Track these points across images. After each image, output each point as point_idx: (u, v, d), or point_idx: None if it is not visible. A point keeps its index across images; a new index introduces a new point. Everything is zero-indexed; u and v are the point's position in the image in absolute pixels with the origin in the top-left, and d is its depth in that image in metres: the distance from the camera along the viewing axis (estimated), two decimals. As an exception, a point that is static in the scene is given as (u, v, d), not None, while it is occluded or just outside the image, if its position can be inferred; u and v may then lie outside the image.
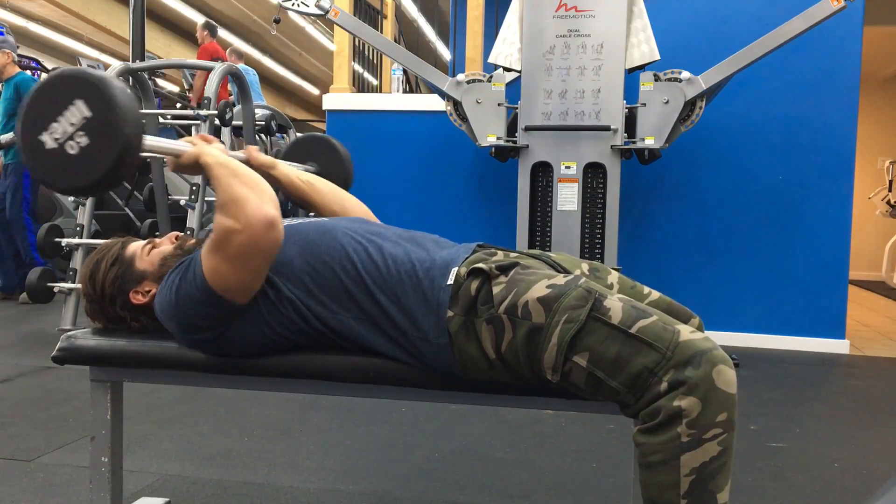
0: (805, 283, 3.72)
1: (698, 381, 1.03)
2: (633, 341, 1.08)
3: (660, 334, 1.08)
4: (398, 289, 1.23)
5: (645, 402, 1.07)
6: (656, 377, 1.06)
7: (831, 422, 2.54)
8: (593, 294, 1.13)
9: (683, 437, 1.03)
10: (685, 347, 1.06)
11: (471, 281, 1.19)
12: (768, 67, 3.57)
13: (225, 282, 1.21)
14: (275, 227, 1.19)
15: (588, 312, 1.11)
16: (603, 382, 1.10)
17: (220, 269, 1.21)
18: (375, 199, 4.10)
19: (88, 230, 3.61)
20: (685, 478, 1.03)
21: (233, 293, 1.22)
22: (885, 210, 6.90)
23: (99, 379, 1.42)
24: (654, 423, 1.05)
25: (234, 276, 1.20)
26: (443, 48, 9.90)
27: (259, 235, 1.18)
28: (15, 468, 1.92)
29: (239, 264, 1.19)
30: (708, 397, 1.03)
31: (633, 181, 3.75)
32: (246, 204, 1.19)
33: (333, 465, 2.00)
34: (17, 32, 9.65)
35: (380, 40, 3.56)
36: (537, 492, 1.85)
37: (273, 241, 1.19)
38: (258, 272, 1.22)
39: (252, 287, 1.23)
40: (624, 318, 1.10)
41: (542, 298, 1.13)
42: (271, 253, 1.21)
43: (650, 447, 1.05)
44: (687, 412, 1.03)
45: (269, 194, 1.22)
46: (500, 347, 1.16)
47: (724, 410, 1.04)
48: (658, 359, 1.06)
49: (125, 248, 1.41)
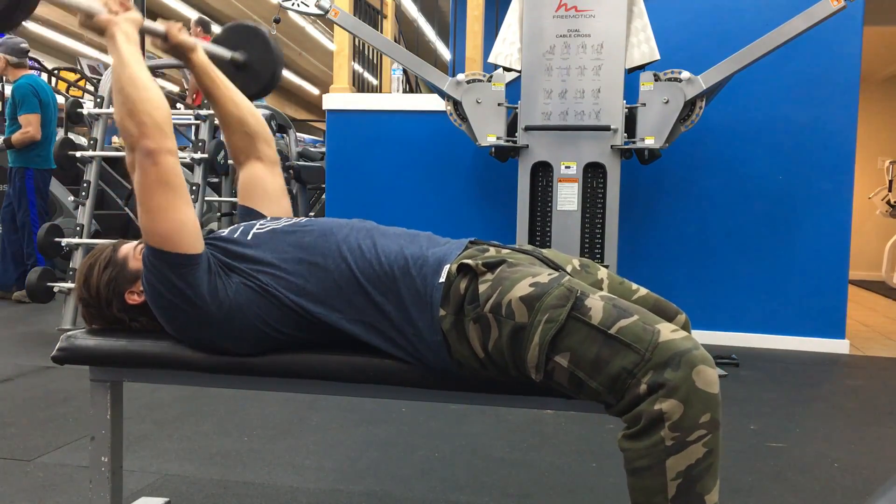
0: (805, 284, 3.72)
1: (678, 383, 1.02)
2: (612, 342, 1.08)
3: (639, 335, 1.07)
4: (393, 286, 1.23)
5: (626, 405, 1.07)
6: (635, 378, 1.05)
7: (831, 422, 2.54)
8: (574, 293, 1.12)
9: (667, 440, 1.02)
10: (664, 348, 1.05)
11: (460, 279, 1.19)
12: (768, 67, 3.57)
13: (154, 233, 1.23)
14: (153, 155, 1.21)
15: (568, 312, 1.10)
16: (584, 383, 1.10)
17: (142, 219, 1.24)
18: (375, 199, 4.14)
19: (88, 230, 3.61)
20: (672, 482, 1.03)
21: (167, 242, 1.22)
22: (885, 210, 6.90)
23: (99, 379, 1.42)
24: (637, 429, 1.05)
25: (153, 220, 1.22)
26: (443, 48, 9.90)
27: (145, 168, 1.22)
28: (15, 468, 1.92)
29: (146, 205, 1.23)
30: (689, 399, 1.02)
31: (633, 181, 3.75)
32: (127, 136, 1.23)
33: (333, 465, 2.00)
34: (17, 32, 9.63)
35: (380, 40, 3.56)
36: (537, 492, 1.85)
37: (158, 168, 1.22)
38: (167, 207, 1.23)
39: (178, 226, 1.23)
40: (604, 319, 1.10)
41: (524, 297, 1.13)
42: (164, 182, 1.22)
43: (635, 452, 1.05)
44: (668, 415, 1.02)
45: (148, 121, 1.22)
46: (487, 346, 1.17)
47: (706, 411, 1.03)
48: (637, 360, 1.06)
49: (117, 250, 1.41)
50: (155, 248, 1.24)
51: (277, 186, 1.59)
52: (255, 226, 1.39)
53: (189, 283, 1.23)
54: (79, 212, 3.64)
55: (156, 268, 1.25)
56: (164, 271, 1.24)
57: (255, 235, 1.35)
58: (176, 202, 1.23)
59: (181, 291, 1.24)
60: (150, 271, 1.26)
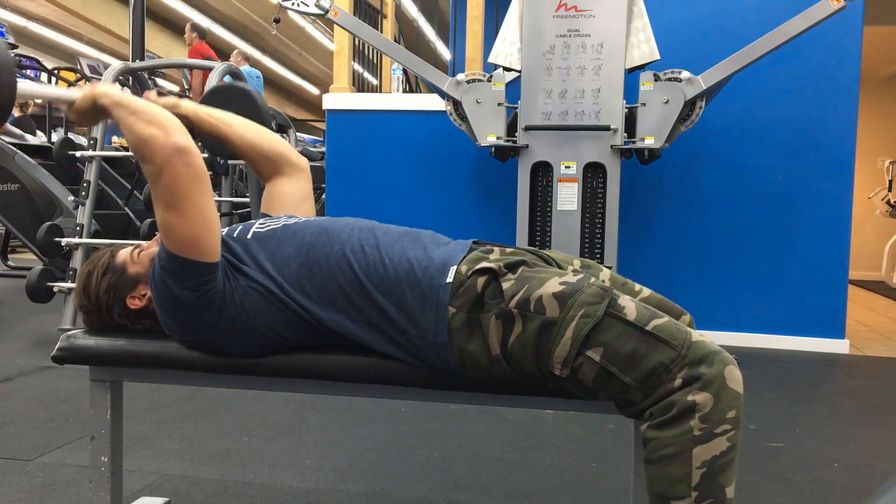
0: (805, 283, 3.72)
1: (712, 378, 1.06)
2: (649, 338, 1.11)
3: (674, 333, 1.11)
4: (396, 288, 1.23)
5: (656, 398, 1.09)
6: (671, 373, 1.08)
7: (831, 422, 2.54)
8: (609, 292, 1.16)
9: (696, 430, 1.05)
10: (698, 347, 1.10)
11: (476, 278, 1.19)
12: (768, 67, 3.57)
13: (181, 239, 1.19)
14: (185, 152, 1.18)
15: (605, 309, 1.13)
16: (615, 377, 1.11)
17: (169, 225, 1.20)
18: (375, 199, 4.14)
19: (88, 230, 3.61)
20: (697, 470, 1.05)
21: (193, 249, 1.20)
22: (885, 210, 6.90)
23: (99, 379, 1.42)
24: (667, 417, 1.07)
25: (182, 224, 1.19)
26: (443, 48, 9.89)
27: (176, 168, 1.17)
28: (15, 468, 1.92)
29: (177, 209, 1.19)
30: (720, 394, 1.06)
31: (633, 181, 3.75)
32: (153, 142, 1.18)
33: (333, 465, 2.00)
34: (17, 32, 9.64)
35: (380, 40, 3.56)
36: (537, 492, 1.85)
37: (191, 168, 1.18)
38: (199, 209, 1.20)
39: (206, 232, 1.21)
40: (639, 316, 1.13)
41: (557, 294, 1.15)
42: (196, 181, 1.19)
43: (662, 441, 1.07)
44: (700, 407, 1.06)
45: (172, 124, 1.20)
46: (506, 342, 1.17)
47: (733, 408, 1.07)
48: (674, 356, 1.09)
49: (115, 256, 1.40)
50: (176, 256, 1.20)
51: (300, 193, 1.56)
52: (255, 225, 1.38)
53: (206, 291, 1.22)
54: (79, 212, 3.64)
55: (175, 275, 1.22)
56: (185, 279, 1.21)
57: (255, 235, 1.34)
58: (208, 200, 1.21)
59: (197, 298, 1.23)
60: (170, 277, 1.22)
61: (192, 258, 1.20)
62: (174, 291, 1.23)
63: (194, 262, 1.21)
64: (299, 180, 1.58)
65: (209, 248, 1.21)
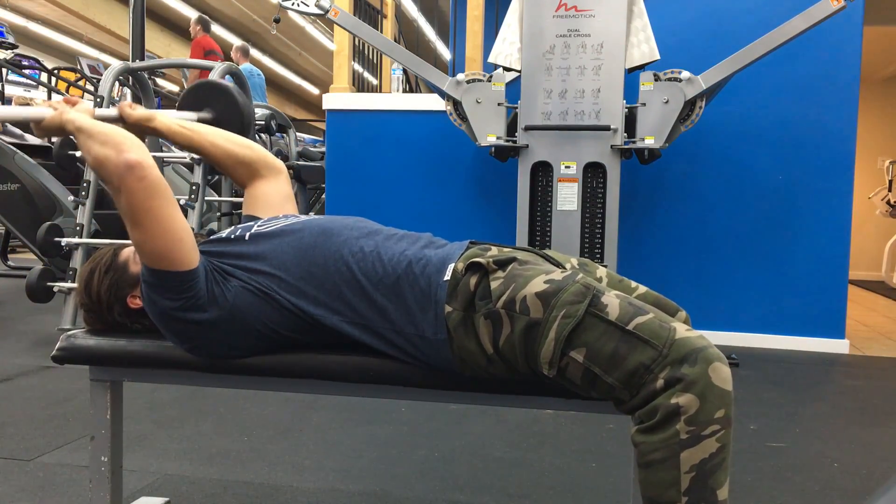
0: (805, 283, 3.72)
1: (695, 378, 1.04)
2: (629, 338, 1.09)
3: (656, 331, 1.09)
4: (395, 287, 1.23)
5: (641, 400, 1.08)
6: (652, 374, 1.06)
7: (831, 422, 2.54)
8: (591, 290, 1.13)
9: (682, 434, 1.03)
10: (681, 345, 1.07)
11: (469, 276, 1.19)
12: (768, 67, 3.57)
13: (150, 253, 1.21)
14: (138, 167, 1.18)
15: (586, 308, 1.11)
16: (599, 378, 1.10)
17: (137, 241, 1.21)
18: (375, 199, 4.13)
19: (88, 230, 3.61)
20: (685, 475, 1.03)
21: (164, 261, 1.21)
22: (885, 210, 6.90)
23: (99, 379, 1.42)
24: (652, 422, 1.05)
25: (150, 239, 1.20)
26: (443, 48, 9.89)
27: (130, 185, 1.18)
28: (15, 467, 1.92)
29: (141, 224, 1.19)
30: (705, 394, 1.04)
31: (633, 181, 3.75)
32: (107, 162, 1.19)
33: (333, 464, 2.00)
34: (17, 32, 9.64)
35: (380, 40, 3.56)
36: (537, 492, 1.85)
37: (144, 182, 1.18)
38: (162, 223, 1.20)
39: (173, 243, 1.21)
40: (621, 315, 1.11)
41: (540, 293, 1.14)
42: (153, 194, 1.19)
43: (649, 445, 1.06)
44: (685, 409, 1.03)
45: (124, 140, 1.21)
46: (497, 342, 1.17)
47: (721, 407, 1.04)
48: (654, 356, 1.07)
49: (117, 255, 1.41)
50: (154, 269, 1.23)
51: (281, 193, 1.56)
52: (254, 226, 1.38)
53: (188, 298, 1.23)
54: (79, 212, 3.64)
55: (155, 287, 1.24)
56: (165, 290, 1.24)
57: (252, 236, 1.35)
58: (170, 211, 1.21)
59: (181, 307, 1.24)
60: (151, 290, 1.25)
61: (166, 269, 1.22)
62: (158, 302, 1.26)
63: (169, 272, 1.22)
64: (278, 181, 1.57)
65: (181, 258, 1.22)
